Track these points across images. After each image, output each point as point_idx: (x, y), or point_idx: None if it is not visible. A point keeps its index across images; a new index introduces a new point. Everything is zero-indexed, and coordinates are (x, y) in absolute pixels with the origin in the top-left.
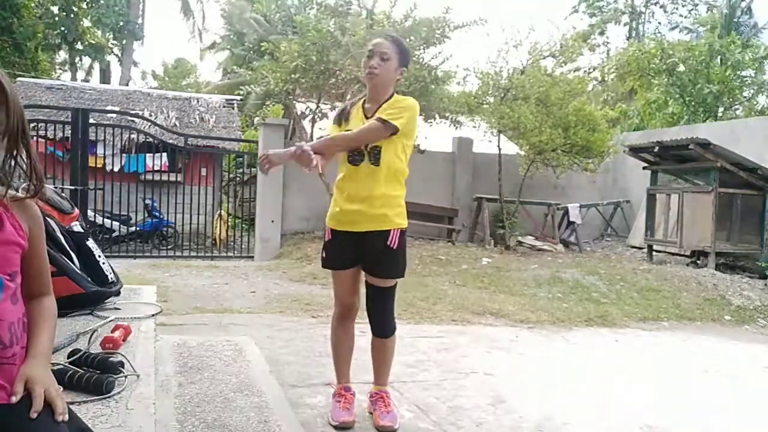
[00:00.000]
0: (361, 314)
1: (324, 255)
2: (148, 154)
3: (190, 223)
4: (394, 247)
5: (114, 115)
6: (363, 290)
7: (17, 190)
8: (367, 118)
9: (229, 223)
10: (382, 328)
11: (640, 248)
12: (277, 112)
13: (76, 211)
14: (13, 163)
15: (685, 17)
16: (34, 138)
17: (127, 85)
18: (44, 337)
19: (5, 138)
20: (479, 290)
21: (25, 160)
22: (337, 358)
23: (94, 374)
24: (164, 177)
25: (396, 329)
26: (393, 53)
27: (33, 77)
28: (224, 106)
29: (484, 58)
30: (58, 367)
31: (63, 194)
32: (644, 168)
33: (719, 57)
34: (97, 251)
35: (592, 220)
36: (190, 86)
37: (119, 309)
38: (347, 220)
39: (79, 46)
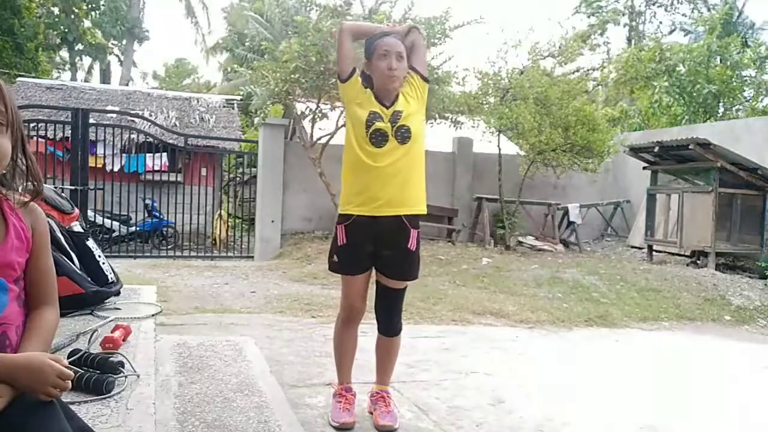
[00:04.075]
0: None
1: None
2: (148, 154)
3: (190, 223)
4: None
5: (114, 115)
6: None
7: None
8: (387, 106)
9: (229, 223)
10: (395, 326)
11: (640, 248)
12: (278, 112)
13: (76, 211)
14: (13, 163)
15: (686, 16)
16: (34, 138)
17: (127, 85)
18: (31, 351)
19: (8, 130)
20: (479, 290)
21: (23, 160)
22: (340, 360)
23: (94, 374)
24: (164, 177)
25: (402, 328)
26: (404, 52)
27: (33, 77)
28: (224, 106)
29: (483, 58)
30: None
31: (63, 194)
32: (644, 168)
33: (719, 57)
34: (97, 251)
35: (592, 220)
36: (190, 87)
37: (119, 309)
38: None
39: (79, 46)
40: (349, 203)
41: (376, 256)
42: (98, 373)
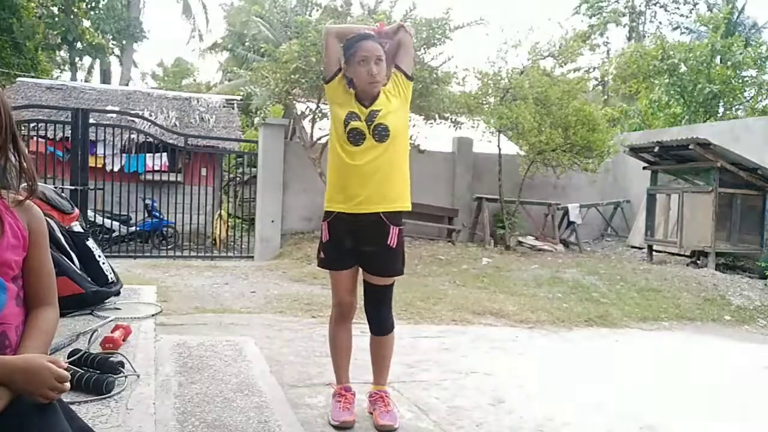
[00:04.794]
0: (359, 314)
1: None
2: (148, 154)
3: (190, 223)
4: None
5: (114, 115)
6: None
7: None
8: (366, 105)
9: (229, 223)
10: (385, 323)
11: (640, 248)
12: (278, 112)
13: (76, 211)
14: (4, 162)
15: (686, 17)
16: (34, 138)
17: (127, 85)
18: (31, 352)
19: None
20: (479, 290)
21: (15, 157)
22: (336, 359)
23: (94, 374)
24: (164, 177)
25: (394, 326)
26: (383, 55)
27: (33, 77)
28: (224, 106)
29: (483, 59)
30: None
31: (63, 194)
32: (644, 168)
33: (719, 57)
34: (97, 251)
35: (592, 220)
36: (189, 87)
37: (119, 309)
38: None
39: (79, 46)
40: (331, 200)
41: (357, 252)
42: (98, 373)
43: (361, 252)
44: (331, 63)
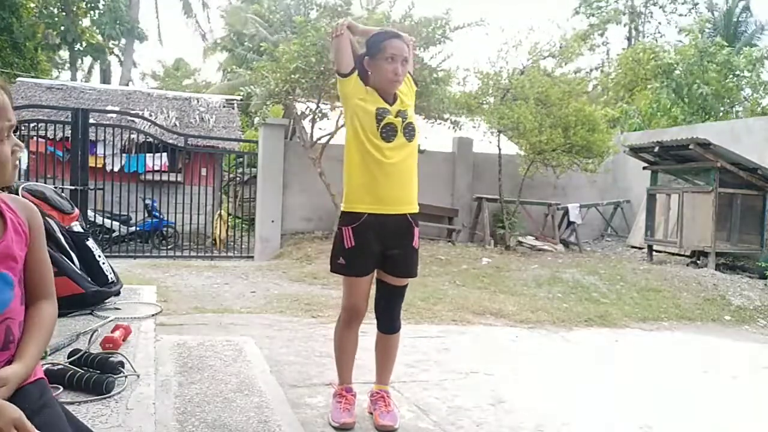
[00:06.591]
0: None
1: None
2: (148, 154)
3: (190, 223)
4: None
5: (114, 115)
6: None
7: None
8: (389, 103)
9: (229, 223)
10: (396, 323)
11: (640, 248)
12: (277, 112)
13: (76, 211)
14: None
15: (685, 16)
16: (34, 138)
17: (127, 85)
18: (32, 346)
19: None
20: (479, 290)
21: None
22: (341, 360)
23: (94, 374)
24: (164, 177)
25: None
26: (408, 56)
27: (33, 77)
28: (224, 106)
29: (484, 59)
30: (58, 367)
31: (63, 194)
32: (644, 168)
33: (714, 58)
34: (97, 251)
35: (592, 220)
36: (189, 87)
37: (119, 309)
38: None
39: (79, 46)
40: (358, 201)
41: (382, 255)
42: (98, 373)
43: (386, 254)
44: (347, 56)
